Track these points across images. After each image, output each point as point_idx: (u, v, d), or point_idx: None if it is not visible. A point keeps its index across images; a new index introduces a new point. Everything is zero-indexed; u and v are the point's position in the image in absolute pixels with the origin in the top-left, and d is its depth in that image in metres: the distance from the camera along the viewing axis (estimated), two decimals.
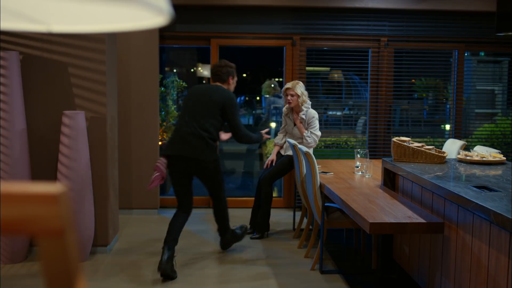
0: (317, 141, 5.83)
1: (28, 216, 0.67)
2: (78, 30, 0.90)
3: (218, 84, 5.08)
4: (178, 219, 4.83)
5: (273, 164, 5.96)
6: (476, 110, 7.62)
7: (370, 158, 5.29)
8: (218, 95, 4.88)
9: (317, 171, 4.82)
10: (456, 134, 7.22)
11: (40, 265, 0.70)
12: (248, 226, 6.01)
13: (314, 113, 5.81)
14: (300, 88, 5.78)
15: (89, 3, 0.81)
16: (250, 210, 6.09)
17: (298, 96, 5.76)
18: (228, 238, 5.26)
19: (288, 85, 5.82)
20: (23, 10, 0.85)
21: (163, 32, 6.80)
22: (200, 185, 5.10)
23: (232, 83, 5.15)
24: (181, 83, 7.28)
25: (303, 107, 5.80)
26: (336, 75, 7.71)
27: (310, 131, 5.75)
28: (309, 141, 5.73)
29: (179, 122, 4.87)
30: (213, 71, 5.14)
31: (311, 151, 5.51)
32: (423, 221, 3.59)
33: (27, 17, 0.87)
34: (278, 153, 6.13)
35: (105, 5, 0.81)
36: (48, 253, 0.68)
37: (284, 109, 6.02)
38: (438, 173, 4.01)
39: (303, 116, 5.79)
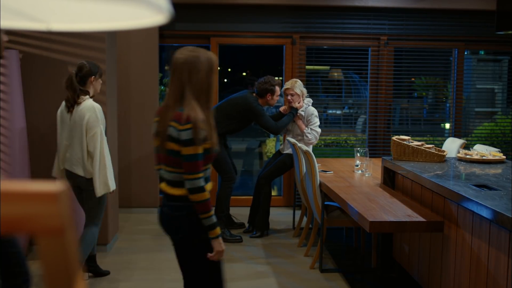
0: (318, 138, 5.83)
1: (27, 214, 0.67)
2: (78, 29, 0.90)
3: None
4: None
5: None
6: (476, 109, 7.62)
7: (369, 157, 5.30)
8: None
9: (317, 170, 4.82)
10: (456, 132, 7.22)
11: (40, 263, 0.70)
12: (247, 225, 6.03)
13: (313, 110, 5.82)
14: (299, 87, 5.79)
15: (88, 2, 0.81)
16: (249, 209, 6.09)
17: (298, 95, 5.78)
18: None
19: (287, 85, 5.82)
20: (23, 8, 0.85)
21: (163, 30, 6.80)
22: None
23: (271, 99, 5.83)
24: None
25: (303, 103, 5.82)
26: (336, 74, 7.71)
27: (310, 128, 5.76)
28: (310, 137, 5.74)
29: None
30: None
31: (310, 149, 5.51)
32: (422, 219, 3.59)
33: (27, 15, 0.87)
34: (277, 152, 6.13)
35: (105, 3, 0.81)
36: (48, 252, 0.68)
37: (282, 108, 6.02)
38: (438, 172, 4.01)
39: (302, 113, 5.80)
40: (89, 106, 4.12)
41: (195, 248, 2.72)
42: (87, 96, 4.19)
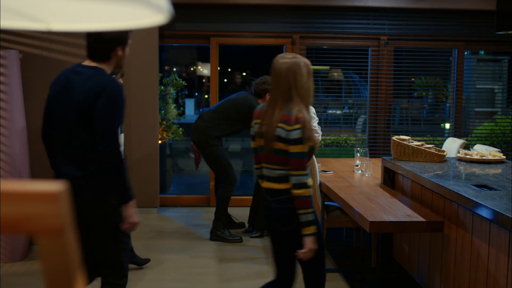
0: (320, 134, 5.69)
1: (27, 214, 0.67)
2: (78, 29, 0.90)
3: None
4: None
5: None
6: (476, 109, 7.62)
7: (369, 157, 5.29)
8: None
9: (317, 170, 4.82)
10: (456, 132, 7.22)
11: (40, 263, 0.70)
12: (247, 225, 6.03)
13: (311, 108, 5.80)
14: None
15: (88, 2, 0.81)
16: (248, 209, 6.08)
17: None
18: (215, 231, 5.72)
19: None
20: (23, 8, 0.85)
21: (162, 30, 6.80)
22: (198, 184, 5.10)
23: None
24: (181, 82, 7.28)
25: None
26: (336, 74, 7.71)
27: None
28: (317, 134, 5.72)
29: None
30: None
31: None
32: (422, 220, 3.59)
33: (27, 15, 0.87)
34: None
35: (105, 3, 0.81)
36: (48, 252, 0.68)
37: None
38: (438, 172, 4.01)
39: None
40: None
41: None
42: None
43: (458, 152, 5.00)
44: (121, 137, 4.45)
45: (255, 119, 2.98)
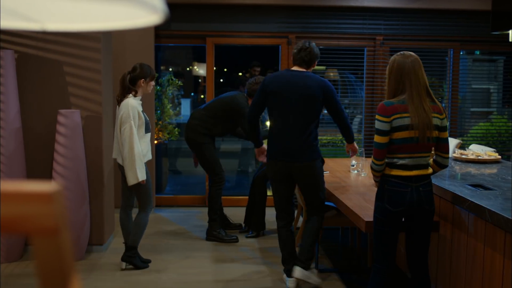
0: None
1: (22, 214, 0.67)
2: (73, 29, 0.90)
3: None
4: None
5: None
6: (472, 109, 7.64)
7: (365, 157, 5.30)
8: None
9: None
10: (451, 132, 7.23)
11: (34, 264, 0.70)
12: (243, 225, 6.03)
13: None
14: None
15: (83, 2, 0.81)
16: (244, 209, 6.08)
17: None
18: (210, 231, 5.73)
19: None
20: (18, 8, 0.84)
21: (158, 30, 6.79)
22: (194, 184, 5.10)
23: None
24: (177, 81, 7.27)
25: None
26: (331, 74, 7.72)
27: None
28: None
29: None
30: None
31: None
32: None
33: (22, 15, 0.87)
34: None
35: (99, 3, 0.81)
36: (42, 252, 0.68)
37: None
38: None
39: None
40: (125, 103, 4.52)
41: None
42: (131, 95, 4.57)
43: (454, 152, 5.01)
44: (147, 136, 4.56)
45: (395, 114, 3.12)
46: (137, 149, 4.49)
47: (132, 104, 4.50)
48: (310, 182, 4.29)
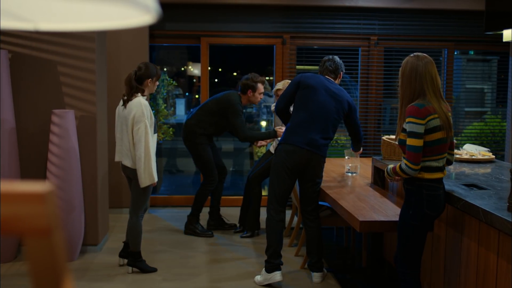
0: None
1: (14, 215, 0.67)
2: (65, 28, 0.90)
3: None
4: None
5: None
6: (466, 109, 7.66)
7: (360, 157, 5.31)
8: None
9: None
10: None
11: (27, 264, 0.70)
12: (238, 225, 6.03)
13: None
14: None
15: (76, 2, 0.81)
16: (239, 209, 6.08)
17: None
18: (188, 225, 5.91)
19: (279, 85, 5.80)
20: (10, 8, 0.84)
21: (153, 30, 6.78)
22: (189, 184, 5.10)
23: (252, 95, 5.81)
24: (171, 81, 7.27)
25: None
26: None
27: None
28: None
29: None
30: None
31: None
32: None
33: (15, 15, 0.86)
34: (268, 152, 6.12)
35: (92, 3, 0.81)
36: (35, 252, 0.68)
37: (273, 107, 6.01)
38: None
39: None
40: (136, 102, 4.44)
41: None
42: (139, 94, 4.51)
43: None
44: (154, 137, 4.54)
45: (429, 115, 3.09)
46: (154, 150, 4.47)
47: (145, 103, 4.46)
48: (316, 174, 4.45)
